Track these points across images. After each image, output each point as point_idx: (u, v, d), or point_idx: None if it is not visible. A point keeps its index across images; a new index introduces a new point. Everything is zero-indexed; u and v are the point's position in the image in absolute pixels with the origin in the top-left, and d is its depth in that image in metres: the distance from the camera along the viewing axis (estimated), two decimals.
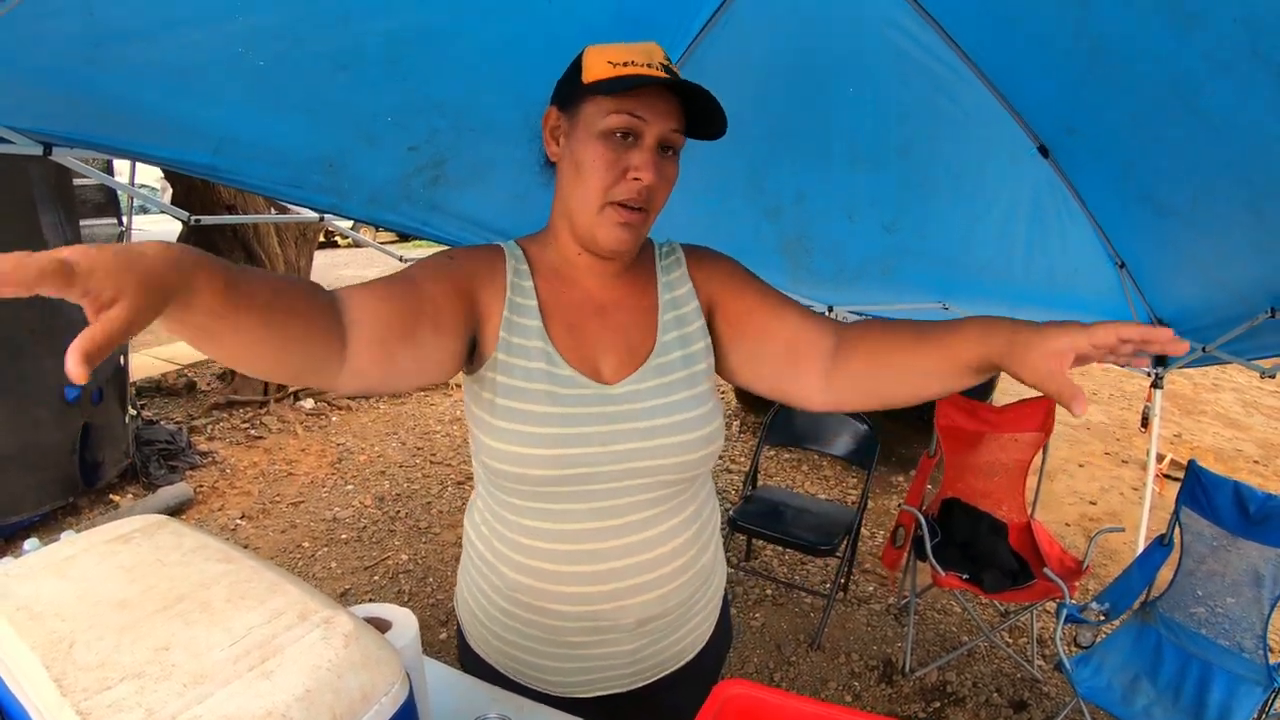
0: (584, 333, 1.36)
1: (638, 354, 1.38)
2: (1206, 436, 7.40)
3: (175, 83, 2.09)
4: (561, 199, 1.35)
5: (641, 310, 1.42)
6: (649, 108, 1.23)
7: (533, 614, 1.37)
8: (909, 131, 2.88)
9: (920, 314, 3.83)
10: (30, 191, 4.41)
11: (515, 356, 1.29)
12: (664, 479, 1.34)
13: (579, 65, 1.29)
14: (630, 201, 1.26)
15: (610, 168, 1.24)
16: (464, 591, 1.52)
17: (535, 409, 1.26)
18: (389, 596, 4.07)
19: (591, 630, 1.37)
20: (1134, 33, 1.97)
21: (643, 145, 1.25)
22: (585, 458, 1.27)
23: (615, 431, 1.29)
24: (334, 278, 13.84)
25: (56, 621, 0.85)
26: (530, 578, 1.34)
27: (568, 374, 1.30)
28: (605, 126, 1.23)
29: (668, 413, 1.33)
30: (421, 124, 2.60)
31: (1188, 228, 2.65)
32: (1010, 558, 3.59)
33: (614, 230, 1.28)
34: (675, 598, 1.41)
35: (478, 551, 1.45)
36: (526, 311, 1.33)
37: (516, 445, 1.25)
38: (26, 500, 4.54)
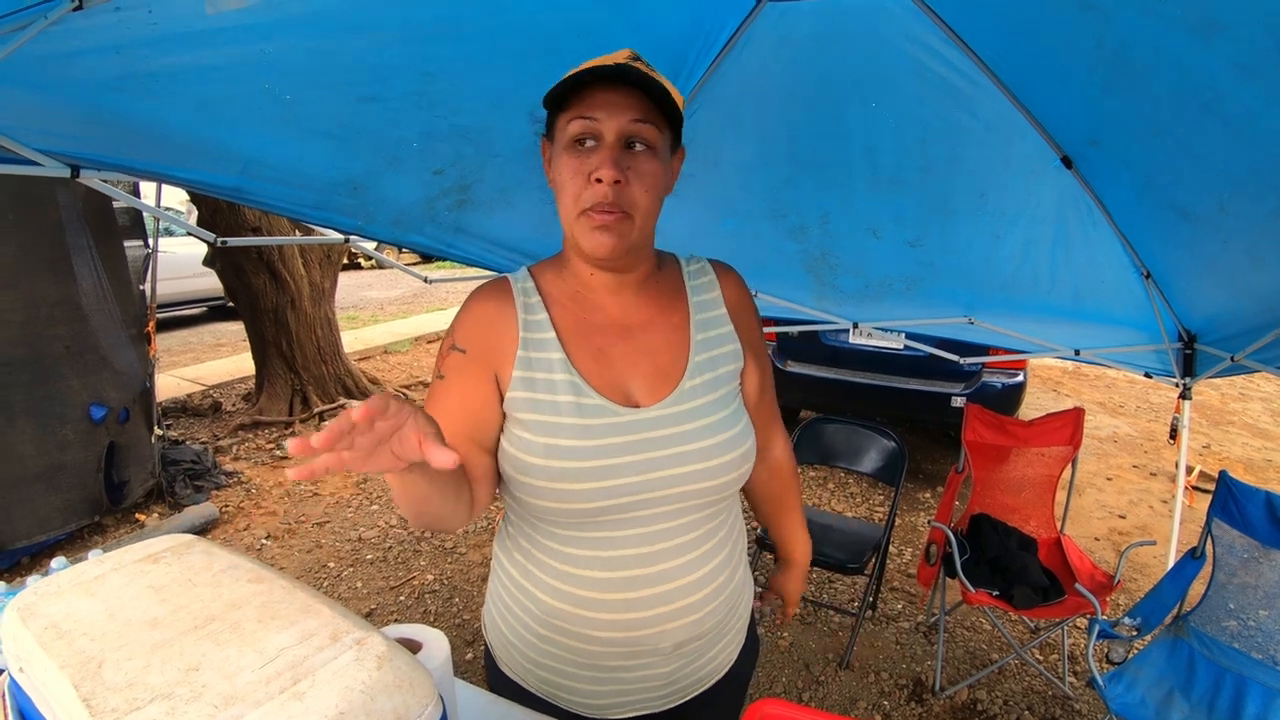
0: (611, 357, 1.35)
1: (670, 376, 1.36)
2: (1235, 447, 7.31)
3: (202, 109, 2.12)
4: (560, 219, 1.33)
5: (671, 328, 1.41)
6: (600, 106, 1.22)
7: (570, 639, 1.36)
8: (931, 148, 2.87)
9: (946, 329, 3.82)
10: (59, 215, 4.46)
11: (540, 392, 1.29)
12: (699, 501, 1.34)
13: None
14: (599, 205, 1.23)
15: (575, 175, 1.24)
16: (495, 616, 1.51)
17: (569, 443, 1.25)
18: (415, 616, 4.07)
19: (629, 654, 1.36)
20: (1156, 41, 1.95)
21: (604, 144, 1.23)
22: (623, 488, 1.26)
23: (652, 459, 1.28)
24: (358, 299, 13.97)
25: (86, 641, 0.85)
26: (568, 604, 1.33)
27: (597, 403, 1.29)
28: (569, 136, 1.24)
29: (702, 436, 1.32)
30: (447, 149, 2.61)
31: (1214, 235, 2.62)
32: (1040, 573, 3.55)
33: (592, 236, 1.25)
34: (710, 619, 1.40)
35: (510, 578, 1.44)
36: (545, 345, 1.32)
37: (550, 480, 1.25)
38: (53, 519, 4.58)
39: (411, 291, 15.06)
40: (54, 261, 4.48)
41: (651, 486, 1.28)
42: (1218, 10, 1.71)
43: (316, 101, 2.24)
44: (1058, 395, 8.72)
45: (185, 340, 10.86)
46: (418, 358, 9.93)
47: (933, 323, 3.79)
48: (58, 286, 4.51)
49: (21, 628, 0.88)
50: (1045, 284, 3.32)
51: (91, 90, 1.93)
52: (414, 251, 3.34)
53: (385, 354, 9.97)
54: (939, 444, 6.65)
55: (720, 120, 2.98)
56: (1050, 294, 3.37)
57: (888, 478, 4.00)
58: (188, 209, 11.00)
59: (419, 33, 2.11)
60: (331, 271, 7.41)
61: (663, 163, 1.29)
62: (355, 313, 12.77)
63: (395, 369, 9.21)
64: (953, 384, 5.65)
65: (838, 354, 5.91)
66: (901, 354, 5.63)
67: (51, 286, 4.48)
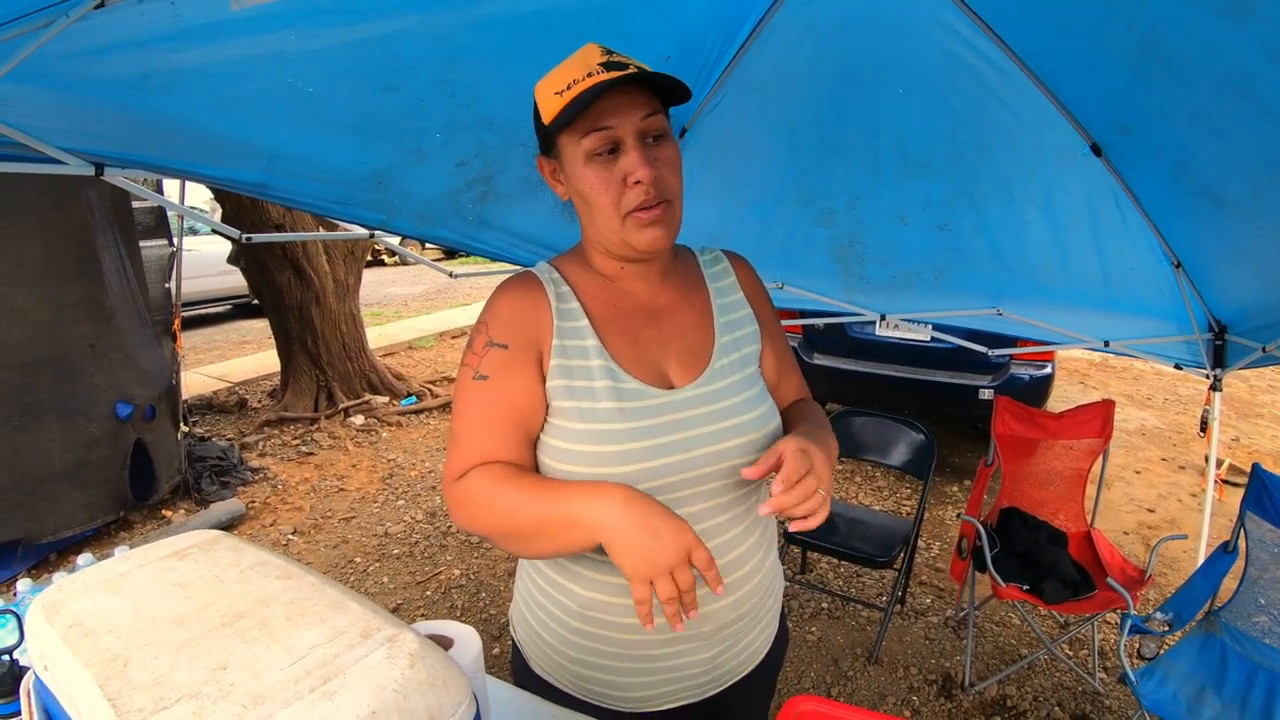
0: (643, 341, 1.37)
1: (700, 357, 1.40)
2: (1265, 440, 7.23)
3: (225, 105, 2.12)
4: (588, 227, 1.37)
5: (696, 313, 1.45)
6: (612, 113, 1.23)
7: (609, 630, 1.36)
8: (960, 135, 2.84)
9: (974, 320, 3.78)
10: (86, 215, 4.49)
11: (577, 379, 1.30)
12: (733, 481, 1.35)
13: (536, 109, 1.32)
14: (644, 203, 1.26)
15: (609, 185, 1.26)
16: (525, 613, 1.51)
17: (609, 427, 1.27)
18: (441, 611, 4.07)
19: (671, 641, 1.36)
20: (1187, 25, 1.92)
21: (626, 148, 1.25)
22: (664, 468, 1.28)
23: (690, 437, 1.30)
24: (383, 295, 14.02)
25: (111, 639, 0.84)
26: (606, 594, 1.34)
27: (634, 387, 1.31)
28: (585, 151, 1.25)
29: (734, 414, 1.35)
30: (470, 139, 2.61)
31: (1247, 222, 2.58)
32: (1071, 568, 3.51)
33: (644, 233, 1.28)
34: (748, 601, 1.42)
35: (542, 574, 1.44)
36: (580, 333, 1.33)
37: (593, 466, 1.26)
38: (79, 516, 4.62)
39: (435, 288, 15.11)
40: (81, 261, 4.51)
41: (691, 465, 1.30)
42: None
43: (340, 94, 2.24)
44: (1085, 388, 8.65)
45: (211, 338, 10.93)
46: (442, 353, 9.95)
47: (960, 314, 3.75)
48: (84, 285, 4.54)
49: (46, 626, 0.87)
50: (1074, 273, 3.28)
51: (114, 87, 1.93)
52: (439, 245, 3.34)
53: (410, 350, 9.99)
54: (966, 437, 6.60)
55: (747, 107, 2.96)
56: (1080, 283, 3.33)
57: (916, 471, 3.97)
58: (211, 207, 11.08)
59: (441, 21, 2.10)
60: (356, 267, 7.43)
61: (675, 142, 1.33)
62: (379, 309, 12.82)
63: (420, 365, 9.23)
64: (980, 376, 5.61)
65: (864, 346, 5.89)
66: (929, 346, 5.60)
67: (78, 285, 4.51)
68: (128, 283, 4.85)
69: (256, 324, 11.45)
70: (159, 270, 5.41)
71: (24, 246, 4.25)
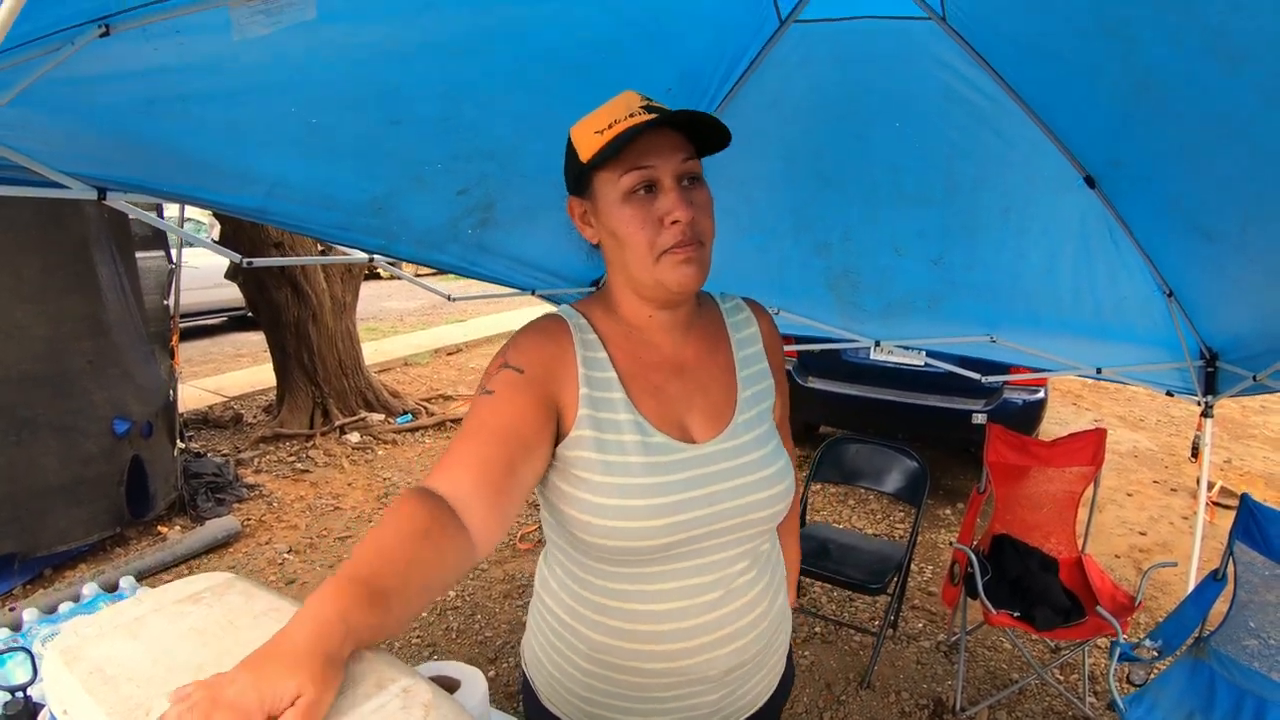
0: (668, 394, 1.37)
1: (722, 411, 1.40)
2: (1256, 461, 7.26)
3: (228, 133, 2.14)
4: (618, 270, 1.37)
5: (718, 367, 1.45)
6: (652, 153, 1.25)
7: (619, 673, 1.37)
8: (955, 167, 2.88)
9: (968, 347, 3.81)
10: (85, 231, 4.51)
11: (607, 432, 1.29)
12: (752, 532, 1.37)
13: (571, 148, 1.32)
14: (679, 243, 1.26)
15: (645, 224, 1.26)
16: (538, 652, 1.51)
17: (637, 481, 1.26)
18: (437, 634, 4.07)
19: (679, 684, 1.37)
20: (1182, 68, 1.96)
21: (664, 188, 1.26)
22: (690, 522, 1.28)
23: (714, 493, 1.31)
24: (378, 309, 14.00)
25: (131, 686, 0.85)
26: (617, 639, 1.34)
27: (660, 440, 1.31)
28: (623, 189, 1.26)
29: (756, 468, 1.36)
30: (472, 169, 2.64)
31: (1238, 255, 2.62)
32: (1062, 594, 3.53)
33: (678, 271, 1.28)
34: (755, 645, 1.42)
35: (554, 614, 1.44)
36: (607, 384, 1.33)
37: (621, 520, 1.25)
38: (75, 531, 4.62)
39: (431, 303, 15.07)
40: (79, 276, 4.52)
41: (715, 519, 1.30)
42: (1245, 41, 1.72)
43: (343, 124, 2.27)
44: (1078, 409, 8.68)
45: (206, 351, 10.91)
46: (438, 370, 9.95)
47: (954, 341, 3.79)
48: (82, 301, 4.55)
49: (65, 671, 0.88)
50: (1068, 302, 3.32)
51: (118, 113, 1.95)
52: (436, 269, 3.36)
53: (406, 366, 9.98)
54: (959, 460, 6.62)
55: (744, 138, 2.96)
56: (1073, 312, 3.37)
57: (910, 498, 3.99)
58: (210, 222, 11.08)
59: (446, 57, 2.13)
60: (353, 285, 7.44)
61: (708, 186, 1.34)
62: (375, 324, 12.81)
63: (416, 381, 9.23)
64: (973, 401, 5.63)
65: (858, 370, 5.91)
66: (922, 370, 5.62)
67: (76, 301, 4.51)
68: (125, 298, 4.86)
69: (252, 337, 11.43)
70: (157, 283, 5.41)
71: (23, 261, 4.26)
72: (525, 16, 2.10)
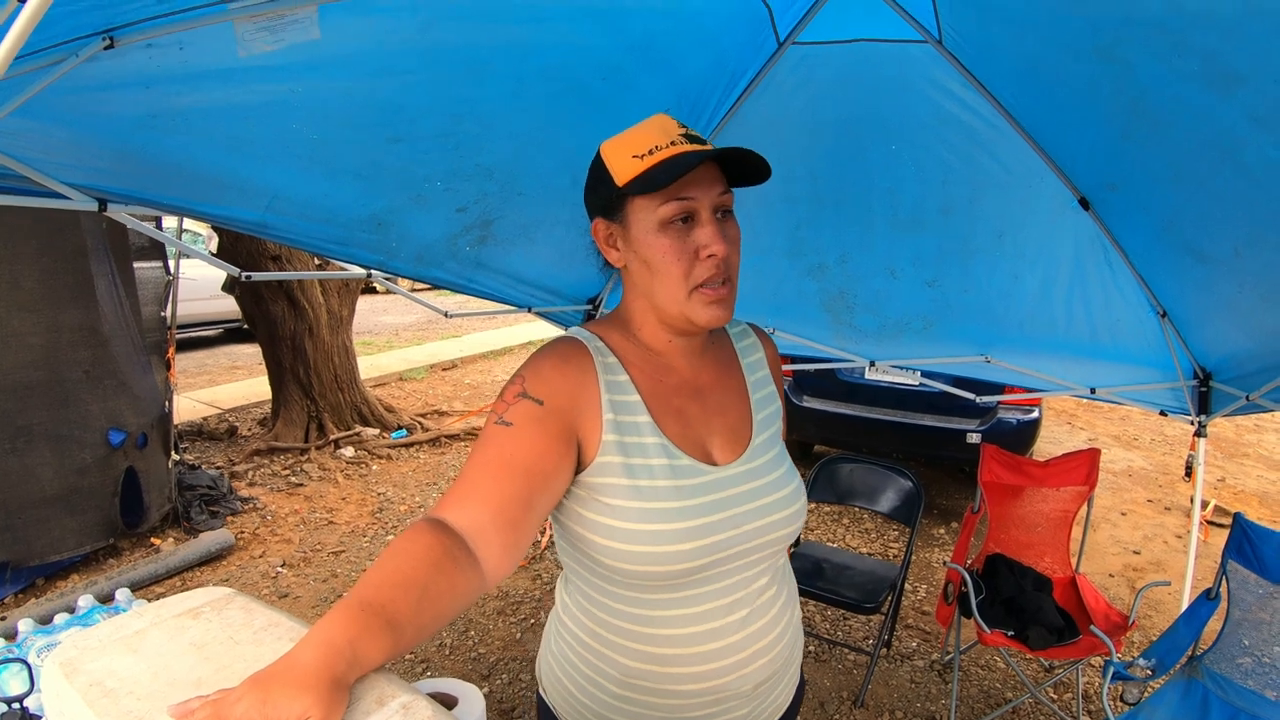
0: (689, 417, 1.37)
1: (740, 434, 1.41)
2: (1250, 480, 7.28)
3: (229, 148, 2.15)
4: (641, 295, 1.36)
5: (733, 390, 1.47)
6: (692, 185, 1.24)
7: (653, 696, 1.36)
8: (951, 189, 2.89)
9: (963, 367, 3.83)
10: (83, 240, 4.51)
11: (634, 456, 1.28)
12: (771, 551, 1.38)
13: (604, 170, 1.30)
14: (712, 280, 1.27)
15: (681, 255, 1.25)
16: (561, 677, 1.48)
17: (666, 505, 1.25)
18: (430, 650, 4.06)
19: (713, 702, 1.37)
20: (1175, 92, 1.97)
21: (701, 221, 1.26)
22: (716, 544, 1.28)
23: (737, 514, 1.31)
24: (374, 324, 13.99)
25: (132, 700, 0.86)
26: (650, 664, 1.34)
27: (687, 463, 1.30)
28: (661, 218, 1.25)
29: (775, 488, 1.38)
30: (471, 187, 2.65)
31: (1231, 277, 2.64)
32: (1055, 614, 3.54)
33: (709, 310, 1.28)
34: (781, 657, 1.44)
35: (577, 639, 1.43)
36: (631, 408, 1.32)
37: (651, 545, 1.24)
38: (69, 541, 4.61)
39: (428, 318, 15.09)
40: (77, 286, 4.52)
41: (740, 540, 1.31)
42: (1238, 63, 1.73)
43: (344, 141, 2.28)
44: (1072, 428, 8.69)
45: (201, 362, 10.90)
46: (433, 385, 9.95)
47: (949, 361, 3.80)
48: (80, 311, 4.55)
49: (66, 684, 0.89)
50: (1062, 323, 3.34)
51: (121, 126, 1.96)
52: (433, 286, 3.37)
53: (401, 381, 9.98)
54: (953, 479, 6.63)
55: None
56: (1067, 333, 3.39)
57: (904, 518, 4.00)
58: (208, 234, 11.08)
59: (447, 77, 2.15)
60: (350, 300, 7.45)
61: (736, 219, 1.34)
62: (371, 338, 12.81)
63: (411, 397, 9.23)
64: (968, 420, 5.65)
65: (853, 389, 5.93)
66: (917, 390, 5.63)
67: (74, 311, 4.51)
68: (122, 309, 4.85)
69: (247, 349, 11.44)
70: (154, 294, 5.41)
71: (22, 270, 4.27)
72: (526, 36, 2.12)
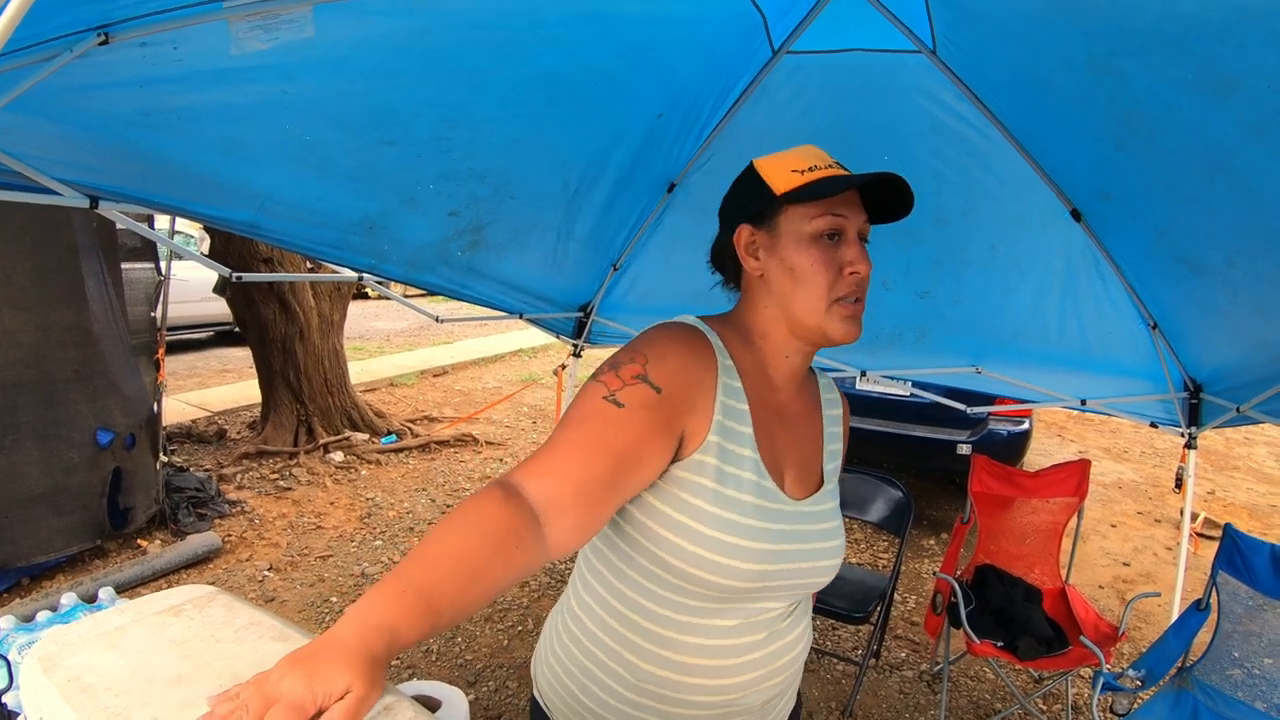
0: (776, 441, 1.37)
1: (812, 472, 1.44)
2: (1240, 493, 7.30)
3: (222, 147, 2.14)
4: (775, 304, 1.36)
5: (813, 429, 1.49)
6: (846, 205, 1.30)
7: (665, 704, 1.35)
8: (944, 200, 2.90)
9: (954, 378, 3.83)
10: (74, 239, 4.49)
11: (730, 464, 1.27)
12: (808, 589, 1.40)
13: (758, 179, 1.34)
14: (850, 295, 1.31)
15: (829, 267, 1.29)
16: (561, 675, 1.46)
17: (747, 522, 1.26)
18: (416, 655, 4.04)
19: (722, 715, 1.37)
20: (1169, 101, 1.98)
21: (848, 240, 1.31)
22: (779, 573, 1.29)
23: (802, 550, 1.33)
24: (365, 329, 13.97)
25: (110, 696, 0.84)
26: (671, 670, 1.33)
27: (771, 487, 1.31)
28: (814, 230, 1.29)
29: (831, 536, 1.40)
30: (464, 191, 2.65)
31: (1223, 287, 2.65)
32: (1045, 625, 3.54)
33: (845, 325, 1.32)
34: (791, 676, 1.46)
35: (594, 638, 1.40)
36: (740, 417, 1.31)
37: (721, 555, 1.24)
38: (55, 542, 4.57)
39: (419, 324, 15.07)
40: (68, 285, 4.50)
41: (793, 575, 1.32)
42: (1232, 70, 1.74)
43: (337, 143, 2.27)
44: (1062, 440, 8.71)
45: (191, 365, 10.86)
46: (423, 391, 9.92)
47: (940, 372, 3.81)
48: (70, 310, 4.52)
49: (44, 679, 0.88)
50: (1053, 335, 3.34)
51: (114, 123, 1.95)
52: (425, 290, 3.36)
53: (391, 387, 9.95)
54: (943, 491, 6.64)
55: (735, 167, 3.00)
56: (1058, 344, 3.39)
57: (894, 528, 3.99)
58: (200, 235, 11.05)
59: (441, 81, 2.15)
60: (341, 304, 7.43)
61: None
62: (362, 343, 12.78)
63: (401, 402, 9.20)
64: (959, 431, 5.66)
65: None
66: (907, 401, 5.64)
67: (64, 310, 4.49)
68: (111, 308, 4.83)
69: (237, 352, 11.40)
70: (144, 294, 5.39)
71: (13, 268, 4.24)
72: (520, 42, 2.12)
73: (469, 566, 0.96)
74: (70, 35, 1.59)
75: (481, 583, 0.96)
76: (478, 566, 0.96)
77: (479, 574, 0.96)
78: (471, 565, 0.96)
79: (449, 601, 0.93)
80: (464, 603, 0.94)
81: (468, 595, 0.95)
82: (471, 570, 0.95)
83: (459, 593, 0.94)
